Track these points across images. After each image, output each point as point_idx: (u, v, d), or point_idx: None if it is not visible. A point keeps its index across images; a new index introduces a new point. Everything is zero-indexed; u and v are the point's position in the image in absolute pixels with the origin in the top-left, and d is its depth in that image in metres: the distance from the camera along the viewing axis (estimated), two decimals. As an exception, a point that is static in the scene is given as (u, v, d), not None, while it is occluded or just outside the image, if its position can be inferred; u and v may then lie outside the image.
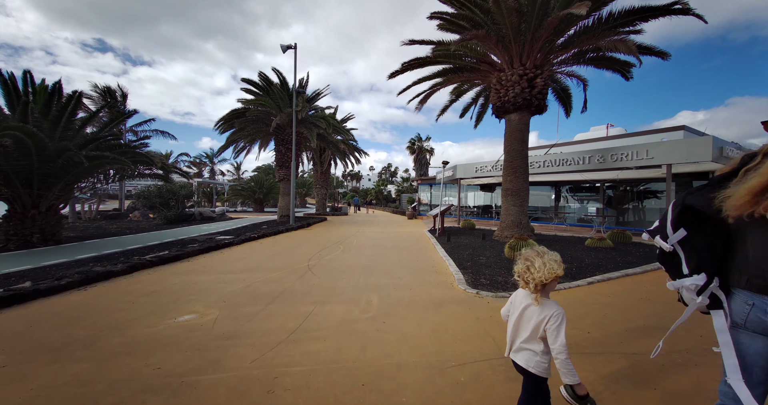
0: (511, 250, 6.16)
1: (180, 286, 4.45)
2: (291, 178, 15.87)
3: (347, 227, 14.84)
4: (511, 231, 8.70)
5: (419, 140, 47.30)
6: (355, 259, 6.69)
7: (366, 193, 57.52)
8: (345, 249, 8.09)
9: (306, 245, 8.64)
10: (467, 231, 12.31)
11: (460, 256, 6.91)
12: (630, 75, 9.36)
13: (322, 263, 6.22)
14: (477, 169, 14.12)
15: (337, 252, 7.62)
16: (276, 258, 6.71)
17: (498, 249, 7.59)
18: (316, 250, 7.84)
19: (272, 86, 16.65)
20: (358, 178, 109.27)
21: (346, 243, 9.21)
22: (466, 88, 10.88)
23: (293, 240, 9.78)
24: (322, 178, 26.52)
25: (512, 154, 8.83)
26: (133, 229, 12.20)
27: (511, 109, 8.63)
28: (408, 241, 9.69)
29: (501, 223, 9.11)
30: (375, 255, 7.25)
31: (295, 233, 11.77)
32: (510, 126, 8.89)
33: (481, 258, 6.58)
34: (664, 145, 8.52)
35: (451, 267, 5.80)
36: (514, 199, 8.76)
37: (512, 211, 8.78)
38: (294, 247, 8.22)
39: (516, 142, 8.77)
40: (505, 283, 4.64)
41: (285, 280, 4.89)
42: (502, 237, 8.85)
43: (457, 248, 7.98)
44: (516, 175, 8.76)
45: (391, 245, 8.84)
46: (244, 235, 9.61)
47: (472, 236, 10.47)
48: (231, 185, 31.97)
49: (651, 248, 7.61)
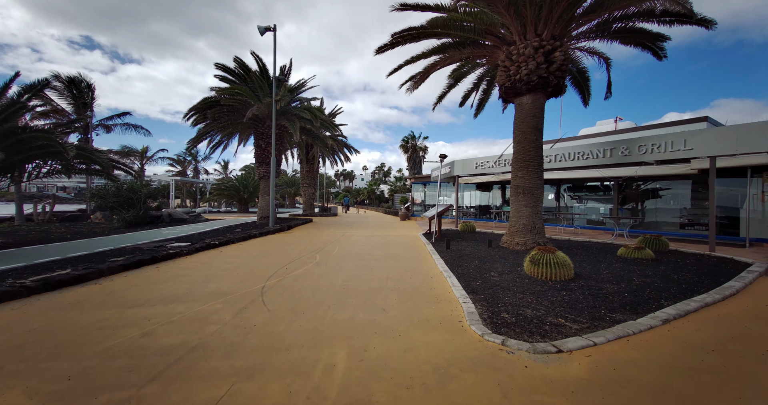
0: (534, 266, 4.67)
1: (20, 340, 2.84)
2: (271, 175, 14.23)
3: (333, 230, 13.27)
4: (522, 237, 7.24)
5: (413, 138, 45.85)
6: (329, 277, 5.13)
7: (358, 193, 55.96)
8: (322, 260, 6.53)
9: (276, 254, 7.06)
10: (467, 235, 10.84)
11: (464, 270, 5.41)
12: (663, 53, 7.98)
13: (284, 284, 4.65)
14: (477, 165, 12.67)
15: (310, 264, 6.06)
16: (226, 275, 5.12)
17: (511, 260, 6.11)
18: (286, 261, 6.27)
19: (250, 73, 14.98)
20: (351, 177, 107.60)
21: (326, 251, 7.65)
22: (466, 70, 9.39)
23: (263, 247, 8.18)
24: (310, 176, 24.88)
25: (524, 145, 7.36)
26: (84, 234, 10.45)
27: (523, 91, 7.16)
28: (400, 249, 8.16)
29: (510, 227, 7.64)
30: (357, 269, 5.71)
31: (270, 238, 10.16)
32: (521, 111, 7.42)
33: (492, 274, 5.08)
34: (707, 134, 7.14)
35: (455, 289, 4.28)
36: (526, 199, 7.30)
37: (524, 213, 7.31)
38: (259, 258, 6.63)
39: (529, 130, 7.31)
40: (540, 322, 3.14)
41: (215, 317, 3.31)
42: (512, 244, 7.38)
43: (460, 259, 6.48)
44: (529, 170, 7.30)
45: (380, 254, 7.31)
46: (204, 242, 7.98)
47: (474, 242, 8.98)
48: (213, 184, 30.09)
49: (701, 260, 6.20)
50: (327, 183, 79.62)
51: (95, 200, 12.93)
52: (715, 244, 7.06)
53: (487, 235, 10.96)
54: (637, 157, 8.10)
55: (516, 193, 7.48)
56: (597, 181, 13.88)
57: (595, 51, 8.46)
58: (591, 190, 15.12)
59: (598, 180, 13.53)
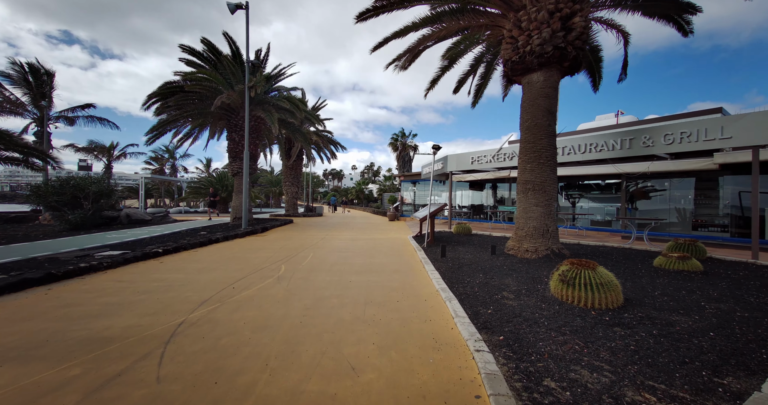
0: (567, 288, 3.37)
1: None
2: (243, 171, 12.70)
3: (313, 232, 11.84)
4: (533, 242, 6.00)
5: (403, 136, 44.62)
6: (286, 302, 3.75)
7: (346, 193, 54.49)
8: (286, 273, 5.13)
9: (231, 266, 5.62)
10: (463, 238, 9.58)
11: (468, 288, 4.11)
12: (689, 27, 6.87)
13: (216, 317, 3.25)
14: (473, 160, 11.44)
15: (269, 280, 4.66)
16: (139, 302, 3.68)
17: (524, 273, 4.84)
18: (239, 275, 4.85)
19: (221, 57, 13.38)
20: (340, 177, 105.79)
21: (296, 260, 6.25)
22: (463, 47, 8.11)
23: (221, 255, 6.71)
24: (292, 174, 23.31)
25: (534, 132, 6.13)
26: (11, 238, 8.74)
27: (534, 66, 5.92)
28: (386, 256, 6.83)
29: (517, 230, 6.39)
30: (328, 288, 4.34)
31: (235, 243, 8.67)
32: (531, 92, 6.19)
33: (505, 294, 3.79)
34: (752, 119, 6.00)
35: (460, 323, 2.97)
36: (537, 196, 6.06)
37: (534, 214, 6.07)
38: (206, 271, 5.18)
39: (540, 114, 6.08)
40: (616, 401, 1.84)
41: (46, 401, 1.90)
42: (520, 250, 6.13)
43: (459, 270, 5.19)
44: (540, 162, 6.06)
45: (360, 265, 5.95)
46: (145, 250, 6.46)
47: (472, 247, 7.72)
48: (189, 183, 28.13)
49: (758, 272, 5.06)
50: (315, 182, 77.74)
51: (30, 199, 11.14)
52: (758, 249, 5.96)
53: (485, 238, 9.73)
54: (661, 148, 6.98)
55: (524, 190, 6.23)
56: (596, 179, 12.87)
57: (613, 24, 7.30)
58: (585, 189, 14.24)
59: (597, 177, 12.52)
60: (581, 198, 14.60)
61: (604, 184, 13.49)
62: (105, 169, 25.98)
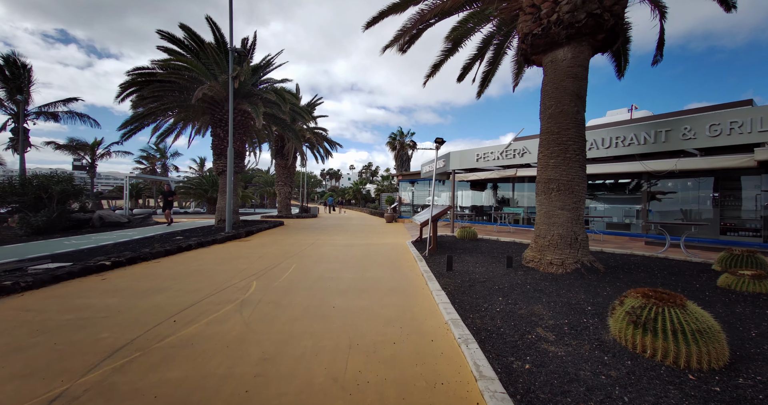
0: (640, 332, 2.26)
1: None
2: (228, 169, 11.61)
3: (303, 236, 10.77)
4: (558, 253, 4.95)
5: (401, 135, 43.58)
6: (236, 351, 2.67)
7: (344, 193, 53.41)
8: (254, 295, 4.06)
9: (187, 283, 4.54)
10: (469, 244, 8.53)
11: (488, 323, 3.06)
12: (733, 1, 5.86)
13: (116, 384, 2.18)
14: (479, 157, 10.39)
15: (227, 307, 3.59)
16: (14, 354, 2.60)
17: (556, 296, 3.79)
18: (192, 300, 3.77)
19: (204, 45, 12.28)
20: (337, 177, 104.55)
21: (272, 275, 5.17)
22: (471, 26, 7.05)
23: (184, 268, 5.62)
24: (285, 173, 22.22)
25: (559, 121, 5.08)
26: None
27: (560, 39, 4.88)
28: (381, 269, 5.76)
29: (537, 237, 5.33)
30: (301, 322, 3.27)
31: (209, 251, 7.58)
32: (555, 72, 5.14)
33: (544, 336, 2.74)
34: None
35: (489, 397, 1.91)
36: (563, 198, 5.01)
37: (560, 219, 5.02)
38: (152, 293, 4.10)
39: (567, 99, 5.03)
40: None
41: None
42: (542, 263, 5.08)
43: (471, 290, 4.14)
44: (567, 157, 5.02)
45: (350, 281, 4.88)
46: (90, 263, 5.36)
47: (481, 255, 6.67)
48: (179, 182, 26.95)
49: None
50: (312, 182, 76.49)
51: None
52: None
53: (493, 244, 8.69)
54: (703, 141, 5.98)
55: (547, 190, 5.18)
56: (614, 178, 11.86)
57: (647, -6, 6.29)
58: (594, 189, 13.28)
59: (617, 176, 11.51)
60: (591, 199, 13.66)
61: (610, 184, 12.62)
62: (88, 167, 24.79)
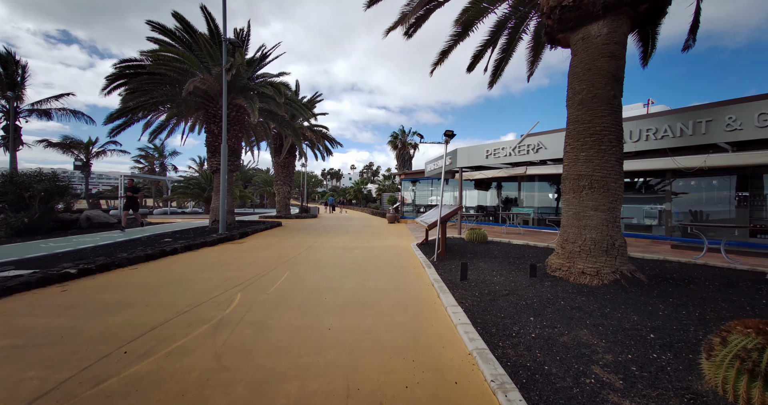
0: (761, 387, 1.63)
1: None
2: (221, 167, 10.95)
3: (300, 238, 10.11)
4: (592, 261, 4.25)
5: (402, 134, 42.94)
6: (191, 403, 2.01)
7: (344, 192, 52.78)
8: (233, 314, 3.39)
9: (158, 297, 3.88)
10: (480, 248, 7.85)
11: (526, 357, 2.37)
12: None
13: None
14: (488, 153, 9.69)
15: (196, 332, 2.93)
16: None
17: (601, 317, 3.10)
18: (153, 323, 3.10)
19: (196, 36, 11.63)
20: (338, 177, 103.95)
21: (262, 284, 4.50)
22: (485, 6, 6.36)
23: (161, 275, 4.96)
24: (284, 172, 21.56)
25: (592, 107, 4.40)
26: None
27: (597, 11, 4.20)
28: (385, 277, 5.09)
29: (564, 242, 4.64)
30: (286, 354, 2.59)
31: (196, 255, 6.92)
32: (588, 51, 4.46)
33: (607, 380, 2.06)
34: None
35: None
36: (596, 197, 4.32)
37: (593, 221, 4.33)
38: (111, 311, 3.44)
39: (602, 81, 4.35)
40: None
41: None
42: (572, 272, 4.38)
43: (494, 307, 3.46)
44: (601, 149, 4.33)
45: (349, 293, 4.21)
46: (51, 272, 4.71)
47: (497, 263, 5.98)
48: (175, 182, 26.34)
49: None
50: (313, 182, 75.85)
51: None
52: None
53: (505, 247, 8.00)
54: (751, 132, 5.28)
55: (576, 188, 4.49)
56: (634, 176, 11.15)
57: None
58: None
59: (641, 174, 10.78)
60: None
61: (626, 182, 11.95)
62: (83, 166, 24.22)
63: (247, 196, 33.15)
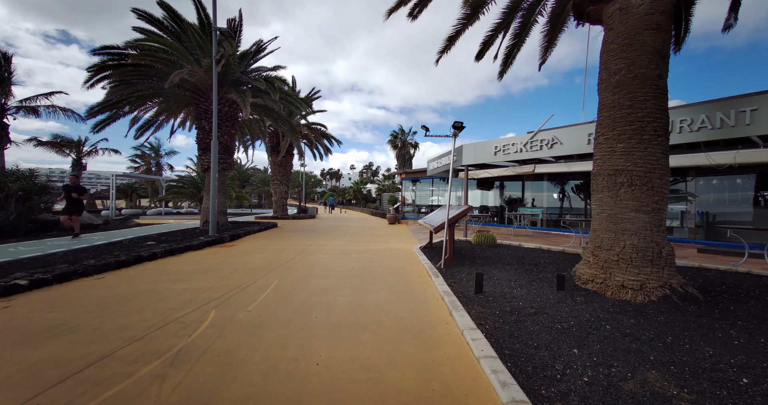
0: None
1: None
2: (212, 165, 10.28)
3: (295, 241, 9.43)
4: (633, 272, 3.57)
5: (402, 133, 42.31)
6: None
7: (344, 192, 52.13)
8: (199, 340, 2.71)
9: (113, 317, 3.21)
10: (490, 253, 7.17)
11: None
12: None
13: None
14: (497, 149, 9.02)
15: (143, 371, 2.25)
16: None
17: (667, 349, 2.41)
18: (90, 357, 2.42)
19: (184, 25, 10.95)
20: (338, 177, 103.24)
21: (243, 298, 3.83)
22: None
23: (126, 287, 4.29)
24: (281, 171, 20.88)
25: (632, 89, 3.73)
26: None
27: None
28: (387, 289, 4.41)
29: (596, 249, 3.96)
30: (259, 402, 1.92)
31: (177, 261, 6.24)
32: (626, 24, 3.79)
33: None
34: None
35: None
36: (637, 196, 3.65)
37: (634, 225, 3.65)
38: (44, 340, 2.77)
39: (644, 58, 3.68)
40: None
41: None
42: (609, 286, 3.71)
43: (521, 330, 2.78)
44: (643, 139, 3.66)
45: (344, 309, 3.53)
46: (3, 281, 4.03)
47: (513, 270, 5.30)
48: (170, 181, 25.66)
49: None
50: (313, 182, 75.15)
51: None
52: None
53: (516, 251, 7.33)
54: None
55: (612, 185, 3.82)
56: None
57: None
58: None
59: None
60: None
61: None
62: (74, 166, 23.52)
63: (244, 197, 32.48)
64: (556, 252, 7.32)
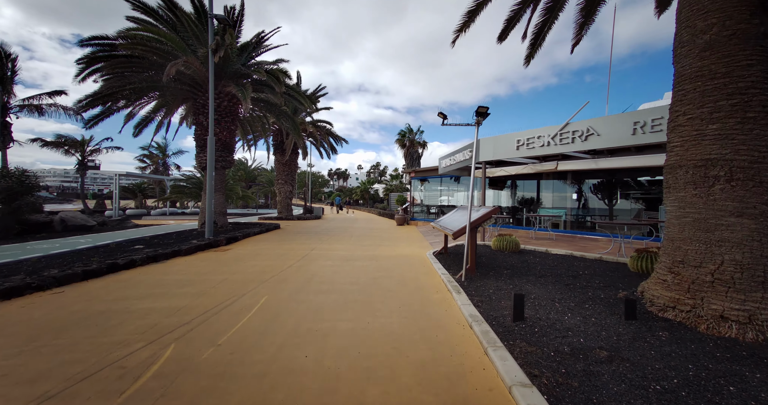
0: None
1: None
2: (208, 163, 9.54)
3: (296, 244, 8.62)
4: (741, 298, 2.62)
5: (410, 132, 41.33)
6: None
7: (351, 193, 51.39)
8: (130, 402, 1.89)
9: (28, 360, 2.41)
10: (515, 261, 6.21)
11: None
12: None
13: None
14: (520, 143, 8.04)
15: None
16: None
17: None
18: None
19: (179, 14, 10.26)
20: (345, 177, 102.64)
21: (213, 328, 2.99)
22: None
23: (81, 307, 3.50)
24: (286, 170, 20.17)
25: (727, 52, 2.79)
26: None
27: None
28: (399, 311, 3.52)
29: (678, 265, 3.01)
30: None
31: (158, 268, 5.46)
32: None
33: None
34: None
35: None
36: (740, 194, 2.71)
37: (734, 233, 2.70)
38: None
39: (742, 13, 2.75)
40: None
41: None
42: (702, 316, 2.75)
43: (593, 388, 1.85)
44: (746, 117, 2.71)
45: (344, 341, 2.66)
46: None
47: (552, 286, 4.35)
48: (174, 181, 25.24)
49: None
50: (320, 182, 74.55)
51: None
52: None
53: (545, 258, 6.35)
54: None
55: (701, 180, 2.87)
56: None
57: None
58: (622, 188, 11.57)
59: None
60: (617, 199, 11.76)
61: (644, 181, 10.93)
62: (79, 166, 23.27)
63: (250, 197, 31.91)
64: (592, 260, 6.34)
